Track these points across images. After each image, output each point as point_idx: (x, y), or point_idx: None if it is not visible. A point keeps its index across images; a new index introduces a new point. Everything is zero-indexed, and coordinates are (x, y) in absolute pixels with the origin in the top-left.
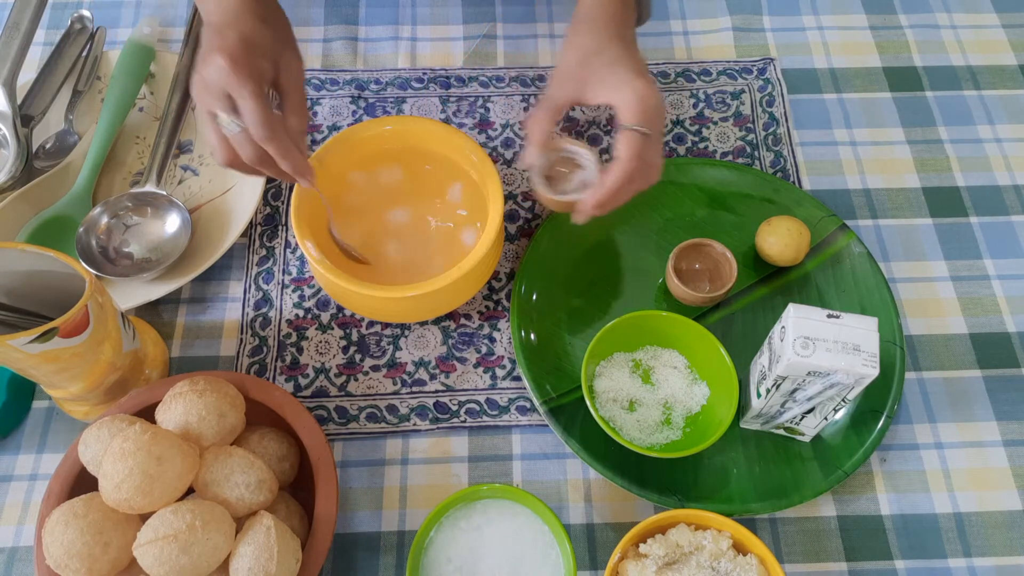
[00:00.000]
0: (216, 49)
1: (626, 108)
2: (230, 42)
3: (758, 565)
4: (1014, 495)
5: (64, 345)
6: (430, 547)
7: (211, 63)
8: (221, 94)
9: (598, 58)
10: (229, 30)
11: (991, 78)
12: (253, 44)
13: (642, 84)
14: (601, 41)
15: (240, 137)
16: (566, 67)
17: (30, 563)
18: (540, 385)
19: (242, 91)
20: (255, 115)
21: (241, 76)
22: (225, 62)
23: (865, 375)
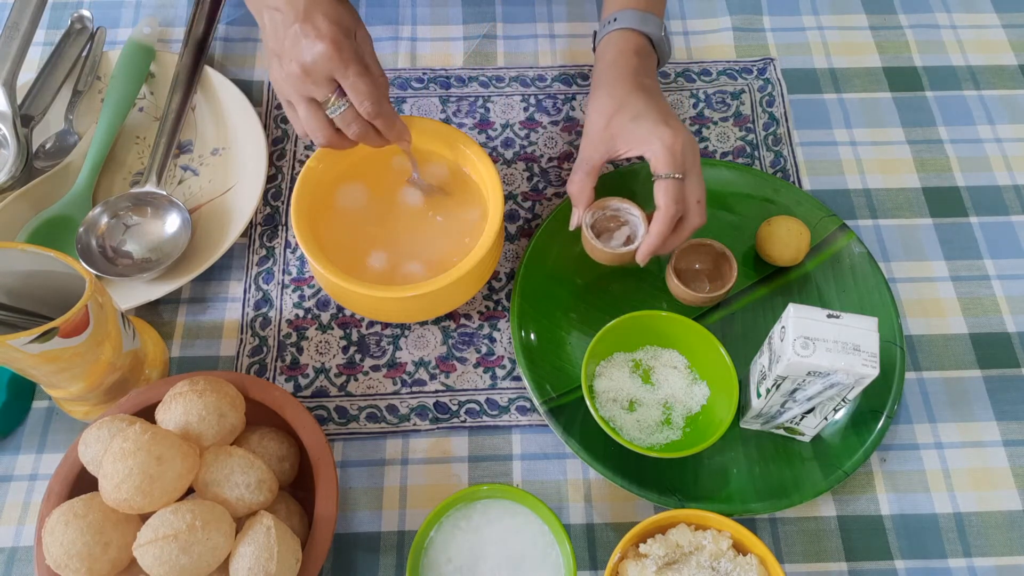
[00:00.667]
0: (313, 36)
1: (656, 159)
2: (324, 28)
3: (758, 565)
4: (1014, 495)
5: (64, 345)
6: (430, 547)
7: (310, 50)
8: (326, 79)
9: (621, 115)
10: (316, 15)
11: (991, 78)
12: (343, 26)
13: (667, 132)
14: (622, 97)
15: (348, 115)
16: (594, 129)
17: (30, 563)
18: (540, 385)
19: (349, 73)
20: (366, 93)
21: (346, 59)
22: (329, 47)
23: (865, 375)
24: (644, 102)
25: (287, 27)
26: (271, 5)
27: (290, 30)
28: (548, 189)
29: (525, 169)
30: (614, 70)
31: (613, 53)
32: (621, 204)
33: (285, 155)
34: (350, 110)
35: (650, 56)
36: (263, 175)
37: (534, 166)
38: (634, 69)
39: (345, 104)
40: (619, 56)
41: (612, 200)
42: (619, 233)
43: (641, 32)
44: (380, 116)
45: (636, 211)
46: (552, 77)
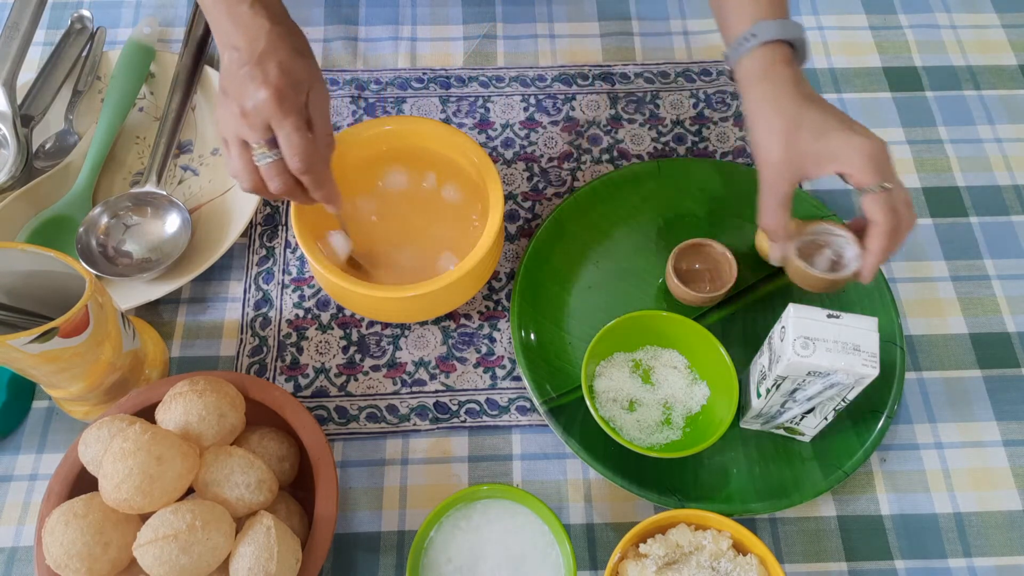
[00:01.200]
0: (260, 81)
1: (858, 172)
2: (273, 76)
3: (758, 565)
4: (1014, 495)
5: (64, 345)
6: (430, 547)
7: (253, 95)
8: (262, 126)
9: (801, 135)
10: (269, 62)
11: (991, 78)
12: (293, 77)
13: (861, 141)
14: (794, 115)
15: (274, 168)
16: (774, 155)
17: (30, 563)
18: (540, 385)
19: (285, 125)
20: (298, 148)
21: (286, 110)
22: (271, 95)
23: (865, 375)
24: (820, 115)
25: (239, 67)
26: (232, 43)
27: (241, 70)
28: (548, 189)
29: (525, 169)
30: (771, 86)
31: (761, 69)
32: (820, 226)
33: None
34: (278, 162)
35: (798, 63)
36: None
37: (534, 166)
38: (793, 80)
39: (274, 155)
40: (770, 71)
41: (810, 224)
42: (820, 258)
43: (785, 41)
44: (308, 174)
45: (839, 230)
46: (552, 77)
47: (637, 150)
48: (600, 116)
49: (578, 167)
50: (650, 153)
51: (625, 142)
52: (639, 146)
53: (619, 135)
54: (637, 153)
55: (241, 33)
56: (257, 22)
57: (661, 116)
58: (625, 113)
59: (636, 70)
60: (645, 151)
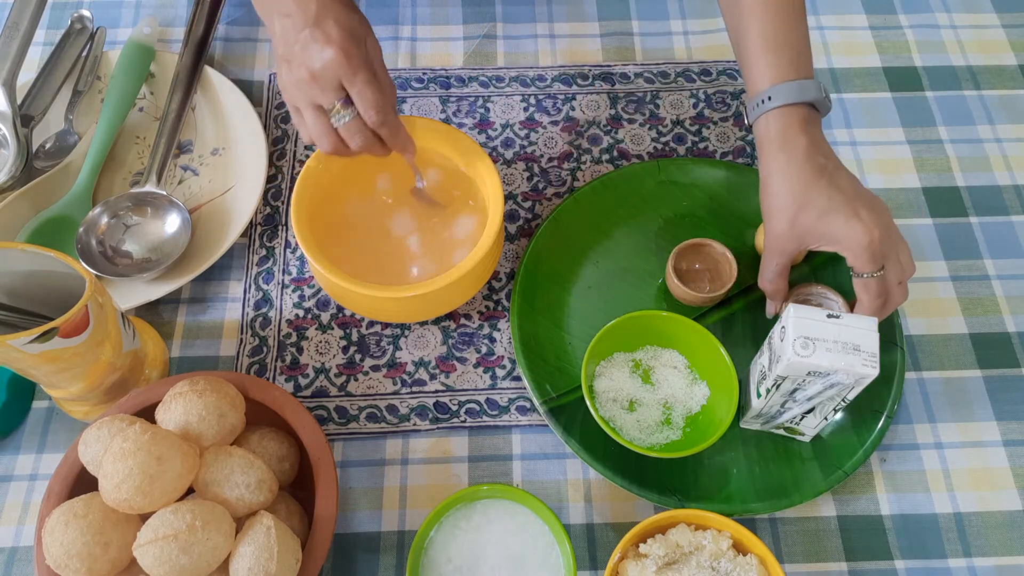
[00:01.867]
0: (322, 42)
1: (853, 259)
2: (335, 34)
3: (758, 565)
4: (1014, 495)
5: (64, 345)
6: (430, 547)
7: (319, 56)
8: (334, 86)
9: (806, 214)
10: (327, 22)
11: (991, 78)
12: (354, 33)
13: (859, 229)
14: (802, 193)
15: (353, 125)
16: (779, 228)
17: (30, 563)
18: (540, 385)
19: (357, 81)
20: (373, 102)
21: (355, 66)
22: (338, 54)
23: (865, 375)
24: (827, 195)
25: (297, 32)
26: (282, 11)
27: (300, 35)
28: (548, 189)
29: (525, 169)
30: (784, 158)
31: (777, 134)
32: (814, 289)
33: (285, 155)
34: (356, 120)
35: (816, 123)
36: (263, 175)
37: (534, 166)
38: (806, 151)
39: (351, 114)
40: (785, 136)
41: (805, 287)
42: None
43: (802, 103)
44: (385, 126)
45: (831, 295)
46: (552, 77)
47: (637, 150)
48: (600, 116)
49: (578, 167)
50: (650, 153)
51: (625, 142)
52: (639, 146)
53: (619, 135)
54: (637, 153)
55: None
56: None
57: (661, 116)
58: (625, 113)
59: (636, 70)
60: (645, 151)
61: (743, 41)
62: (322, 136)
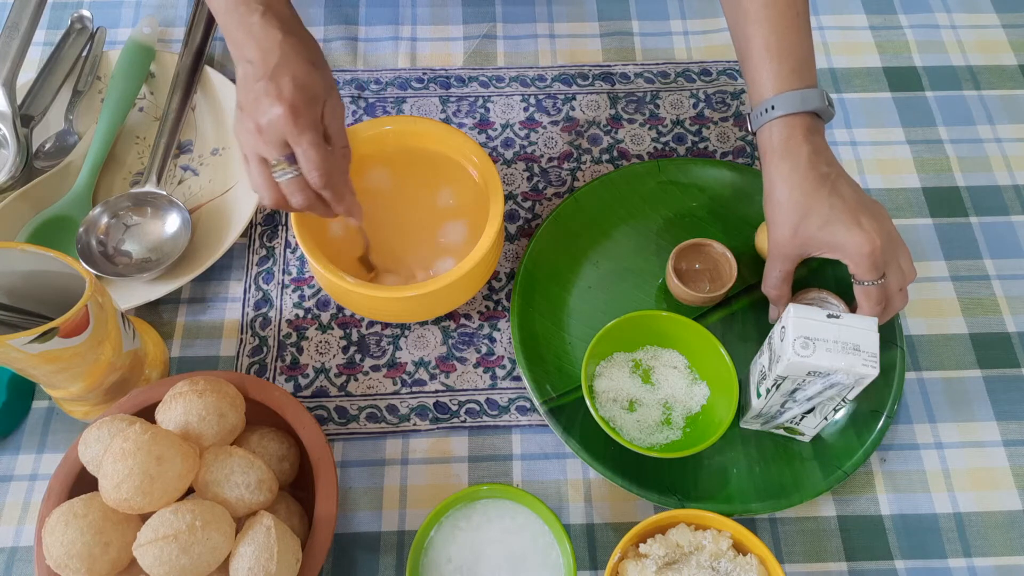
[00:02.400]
0: (274, 97)
1: (855, 268)
2: (288, 91)
3: (758, 565)
4: (1014, 495)
5: (64, 345)
6: (430, 547)
7: (267, 111)
8: (279, 142)
9: (808, 223)
10: (283, 77)
11: (991, 78)
12: (309, 92)
13: (861, 238)
14: (804, 202)
15: (294, 183)
16: (782, 237)
17: (30, 563)
18: (540, 385)
19: (302, 141)
20: (316, 164)
21: (301, 126)
22: (286, 111)
23: (865, 375)
24: (829, 204)
25: (254, 82)
26: (245, 56)
27: (256, 85)
28: (548, 189)
29: (525, 169)
30: (787, 166)
31: (780, 142)
32: (818, 295)
33: None
34: (298, 179)
35: (819, 131)
36: None
37: (534, 166)
38: (808, 160)
39: (293, 172)
40: (788, 145)
41: (809, 292)
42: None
43: (806, 112)
44: (328, 189)
45: (832, 299)
46: (552, 77)
47: (637, 150)
48: (600, 116)
49: (578, 167)
50: (650, 153)
51: (625, 142)
52: (639, 146)
53: (619, 135)
54: (637, 153)
55: (254, 45)
56: (269, 33)
57: (661, 116)
58: (625, 113)
59: (636, 70)
60: (645, 151)
61: (747, 47)
62: (264, 189)
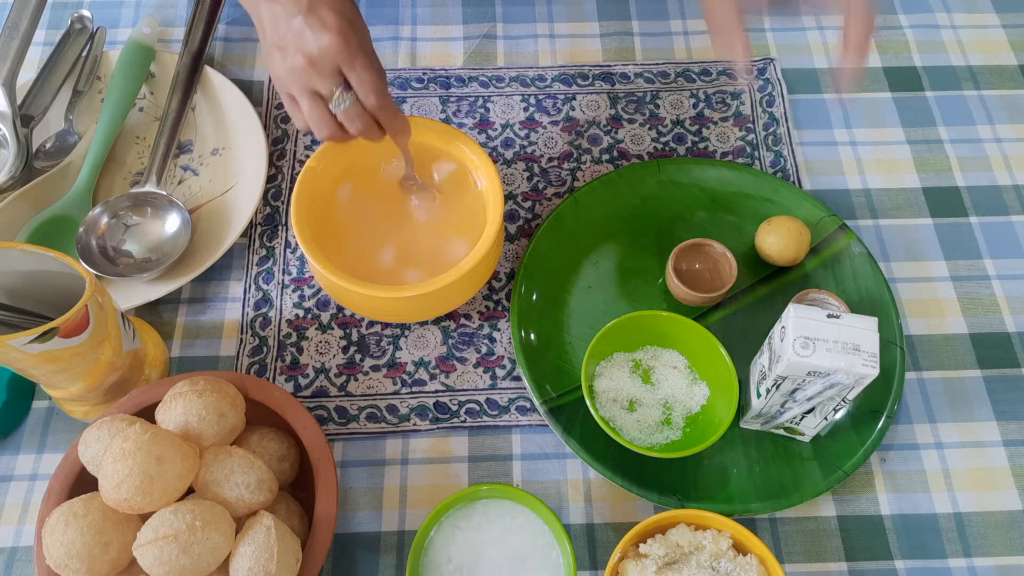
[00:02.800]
0: (319, 28)
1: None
2: (331, 20)
3: (758, 565)
4: (1014, 495)
5: (64, 345)
6: (430, 547)
7: (315, 42)
8: (333, 71)
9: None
10: (322, 8)
11: (991, 78)
12: (348, 18)
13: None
14: None
15: (353, 109)
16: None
17: (30, 563)
18: (540, 385)
19: (356, 65)
20: (372, 85)
21: (353, 50)
22: (336, 40)
23: (865, 375)
24: None
25: (289, 19)
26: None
27: (294, 22)
28: (548, 189)
29: (525, 169)
30: None
31: None
32: (818, 295)
33: (285, 155)
34: (355, 104)
35: None
36: (263, 175)
37: (534, 166)
38: None
39: (350, 98)
40: None
41: (809, 292)
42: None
43: None
44: (384, 109)
45: (833, 300)
46: (552, 77)
47: (637, 150)
48: (600, 116)
49: (578, 167)
50: (650, 153)
51: (625, 142)
52: (639, 146)
53: (619, 135)
54: (637, 153)
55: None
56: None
57: (661, 116)
58: (625, 113)
59: (636, 70)
60: (645, 151)
61: None
62: (320, 123)
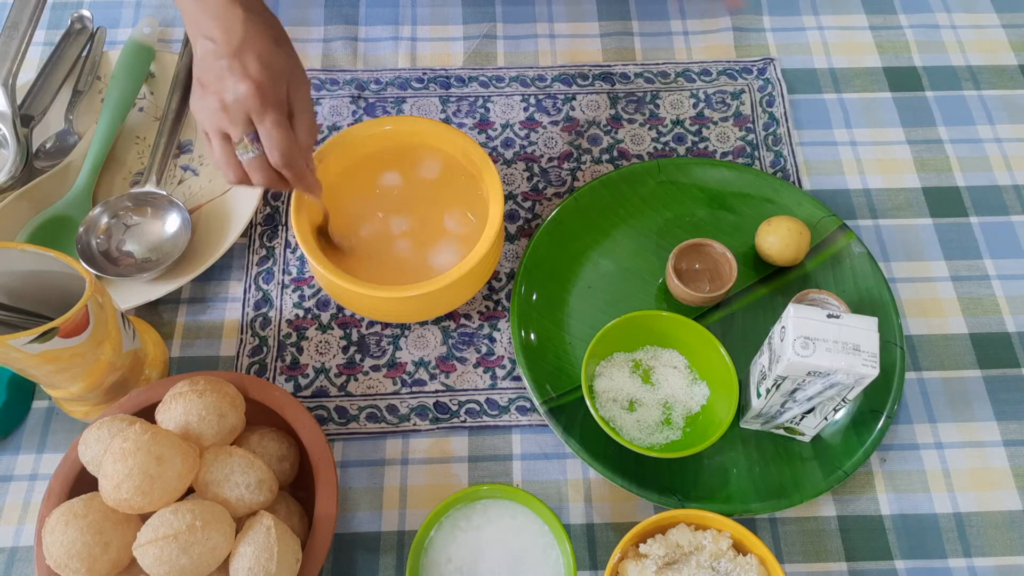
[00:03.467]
0: (239, 75)
1: None
2: (253, 69)
3: (758, 565)
4: (1014, 495)
5: (64, 345)
6: (430, 547)
7: (233, 88)
8: (243, 120)
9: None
10: (248, 54)
11: (991, 78)
12: (274, 70)
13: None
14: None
15: (256, 162)
16: None
17: (30, 563)
18: (540, 385)
19: (266, 120)
20: (278, 144)
21: (266, 104)
22: (251, 89)
23: (865, 375)
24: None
25: (217, 59)
26: (207, 34)
27: (219, 63)
28: (548, 189)
29: (525, 169)
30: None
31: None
32: (818, 295)
33: None
34: (260, 157)
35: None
36: None
37: (534, 166)
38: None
39: (256, 151)
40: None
41: (809, 292)
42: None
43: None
44: (288, 168)
45: (833, 300)
46: (552, 77)
47: (637, 150)
48: (600, 116)
49: (578, 167)
50: (650, 153)
51: (625, 142)
52: (639, 146)
53: (619, 135)
54: (637, 153)
55: (215, 23)
56: (231, 11)
57: (661, 116)
58: (625, 113)
59: (636, 70)
60: (645, 151)
61: None
62: (226, 166)
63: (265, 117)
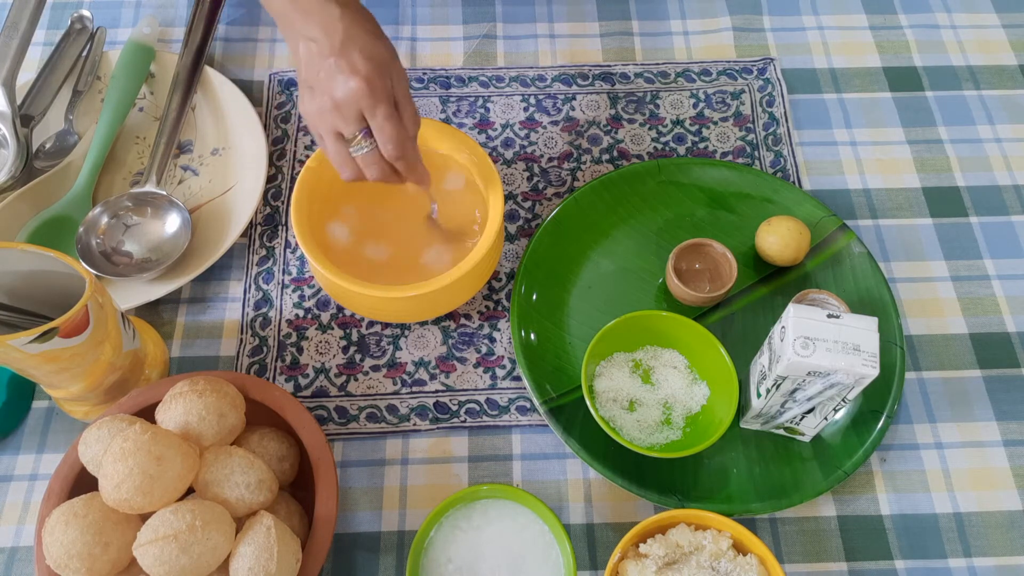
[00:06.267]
0: (348, 72)
1: None
2: (360, 65)
3: (758, 565)
4: (1014, 495)
5: (64, 345)
6: (430, 547)
7: (342, 86)
8: (356, 116)
9: None
10: (353, 51)
11: (991, 78)
12: (377, 62)
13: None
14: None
15: (370, 156)
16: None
17: (30, 563)
18: (540, 385)
19: (377, 114)
20: (391, 136)
21: (377, 98)
22: (361, 85)
23: (865, 375)
24: None
25: (322, 59)
26: (307, 35)
27: (325, 63)
28: (548, 189)
29: (525, 169)
30: None
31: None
32: (818, 295)
33: (285, 155)
34: (373, 152)
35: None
36: (263, 175)
37: (534, 166)
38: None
39: (369, 145)
40: None
41: (809, 292)
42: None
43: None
44: (402, 160)
45: (833, 300)
46: (552, 77)
47: (637, 150)
48: (600, 116)
49: (578, 167)
50: (650, 153)
51: (625, 142)
52: (639, 146)
53: (619, 135)
54: (637, 153)
55: (314, 23)
56: (327, 9)
57: (661, 116)
58: (625, 113)
59: (636, 70)
60: (645, 151)
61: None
62: (342, 164)
63: (376, 111)
